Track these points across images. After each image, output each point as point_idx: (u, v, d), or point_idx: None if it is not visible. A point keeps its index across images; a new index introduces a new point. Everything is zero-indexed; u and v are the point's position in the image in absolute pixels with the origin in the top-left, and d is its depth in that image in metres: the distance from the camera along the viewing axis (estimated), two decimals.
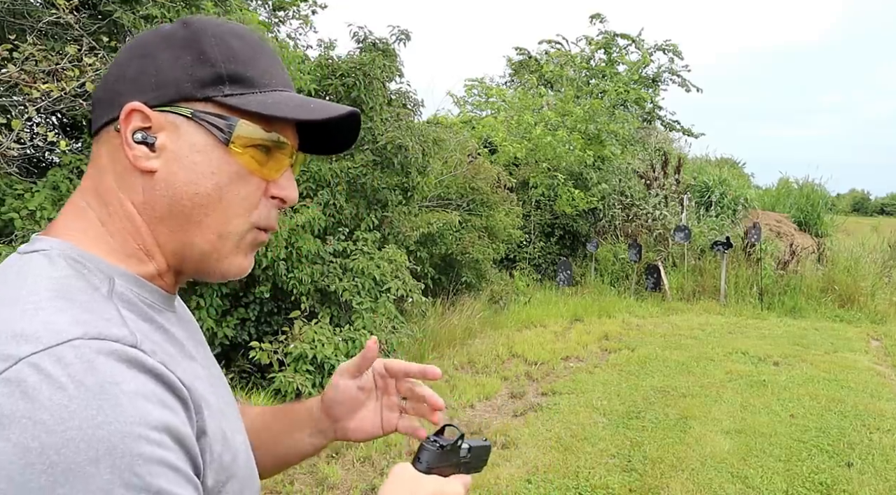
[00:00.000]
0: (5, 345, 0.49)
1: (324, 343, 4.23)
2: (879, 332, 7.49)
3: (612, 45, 13.53)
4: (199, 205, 0.63)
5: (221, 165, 0.64)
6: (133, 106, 0.61)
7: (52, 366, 0.47)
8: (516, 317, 7.55)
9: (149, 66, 0.62)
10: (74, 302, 0.54)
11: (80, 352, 0.49)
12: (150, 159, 0.61)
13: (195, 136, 0.62)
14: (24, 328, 0.50)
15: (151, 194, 0.62)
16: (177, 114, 0.62)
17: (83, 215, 0.63)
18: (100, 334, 0.51)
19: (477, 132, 9.93)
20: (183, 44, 0.63)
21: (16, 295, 0.54)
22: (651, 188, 11.01)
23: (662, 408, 4.72)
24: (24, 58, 2.97)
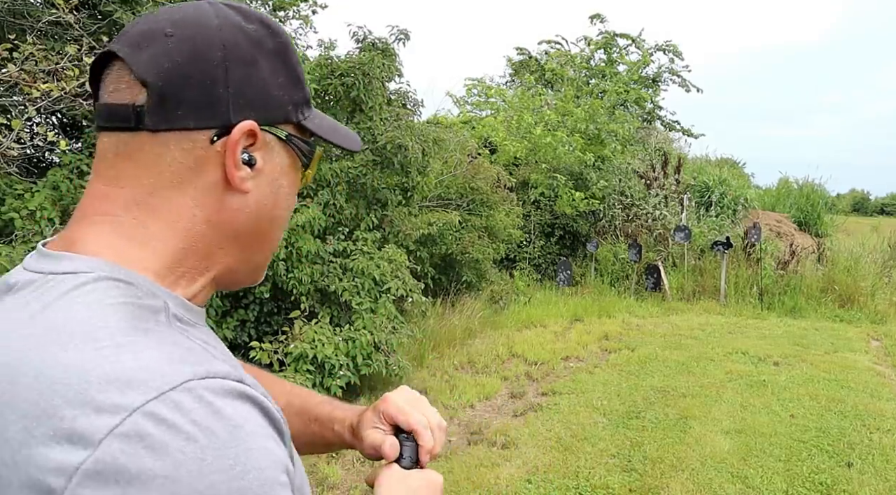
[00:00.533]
0: (104, 393, 0.43)
1: (324, 343, 4.23)
2: (879, 332, 7.49)
3: (611, 45, 13.53)
4: (276, 227, 0.63)
5: (294, 188, 0.64)
6: (251, 126, 0.56)
7: (174, 414, 0.43)
8: (516, 317, 7.55)
9: (254, 78, 0.57)
10: (150, 334, 0.49)
11: (198, 395, 0.45)
12: (249, 180, 0.58)
13: (283, 158, 0.61)
14: (119, 371, 0.44)
15: (237, 214, 0.58)
16: (275, 135, 0.60)
17: (119, 229, 0.55)
18: (208, 372, 0.47)
19: (477, 132, 9.93)
20: (275, 57, 0.59)
21: (76, 328, 0.47)
22: (651, 188, 11.01)
23: (662, 408, 4.72)
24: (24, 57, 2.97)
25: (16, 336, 0.49)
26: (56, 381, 0.44)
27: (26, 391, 0.45)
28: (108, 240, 0.55)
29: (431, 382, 5.17)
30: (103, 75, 0.58)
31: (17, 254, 2.96)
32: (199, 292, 0.60)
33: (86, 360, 0.45)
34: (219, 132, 0.56)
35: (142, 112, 0.54)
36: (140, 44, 0.55)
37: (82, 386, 0.44)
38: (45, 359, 0.46)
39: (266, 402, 0.50)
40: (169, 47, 0.54)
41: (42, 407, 0.44)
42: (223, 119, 0.56)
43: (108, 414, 0.43)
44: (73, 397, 0.43)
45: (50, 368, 0.45)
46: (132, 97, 0.55)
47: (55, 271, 0.53)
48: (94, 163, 0.59)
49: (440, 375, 5.38)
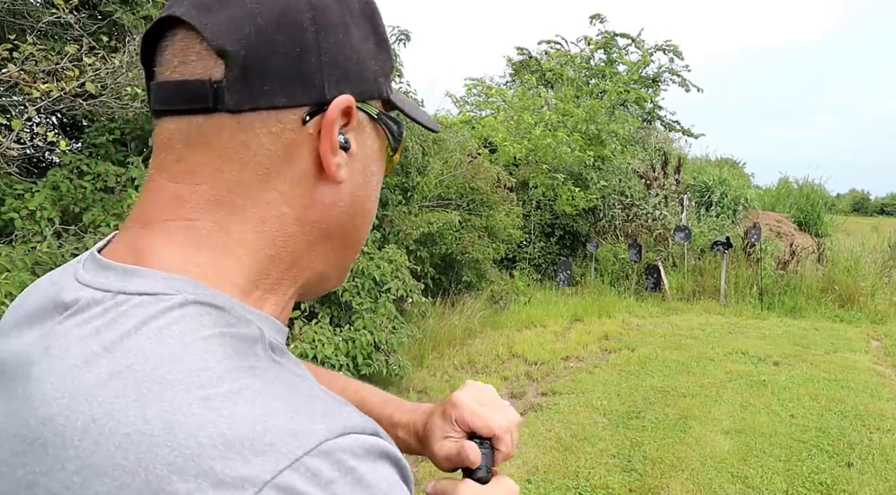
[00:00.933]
0: (224, 460, 0.35)
1: (324, 343, 4.24)
2: (879, 332, 7.48)
3: (611, 44, 13.54)
4: (368, 221, 0.54)
5: (381, 175, 0.54)
6: (349, 102, 0.47)
7: (310, 486, 0.35)
8: (516, 317, 7.55)
9: (345, 44, 0.48)
10: (258, 375, 0.40)
11: (337, 460, 0.37)
12: (344, 167, 0.49)
13: (374, 141, 0.52)
14: (235, 430, 0.36)
15: (329, 208, 0.49)
16: (367, 113, 0.50)
17: (199, 237, 0.45)
18: (344, 428, 0.39)
19: (477, 132, 9.93)
20: (364, 20, 0.50)
21: (171, 368, 0.38)
22: (651, 188, 11.01)
23: (662, 408, 4.72)
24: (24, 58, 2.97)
25: (90, 378, 0.38)
26: (158, 443, 0.35)
27: (118, 454, 0.35)
28: (187, 251, 0.45)
29: (431, 382, 5.17)
30: (160, 47, 0.47)
31: (17, 254, 2.96)
32: (286, 307, 0.51)
33: (194, 414, 0.36)
34: (311, 110, 0.46)
35: (220, 88, 0.44)
36: (211, 5, 0.45)
37: (194, 451, 0.35)
38: (137, 410, 0.36)
39: (401, 458, 0.42)
40: (249, 8, 0.45)
41: (143, 477, 0.35)
42: (317, 94, 0.46)
43: (233, 490, 0.34)
44: (182, 465, 0.34)
45: (147, 424, 0.36)
46: (207, 71, 0.44)
47: (126, 291, 0.42)
48: (155, 155, 0.48)
49: (440, 375, 5.38)
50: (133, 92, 3.33)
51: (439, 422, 0.67)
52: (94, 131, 3.89)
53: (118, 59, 3.26)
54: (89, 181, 3.59)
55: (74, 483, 0.36)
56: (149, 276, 0.43)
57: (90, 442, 0.36)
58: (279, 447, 0.36)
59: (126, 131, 3.98)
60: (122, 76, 3.29)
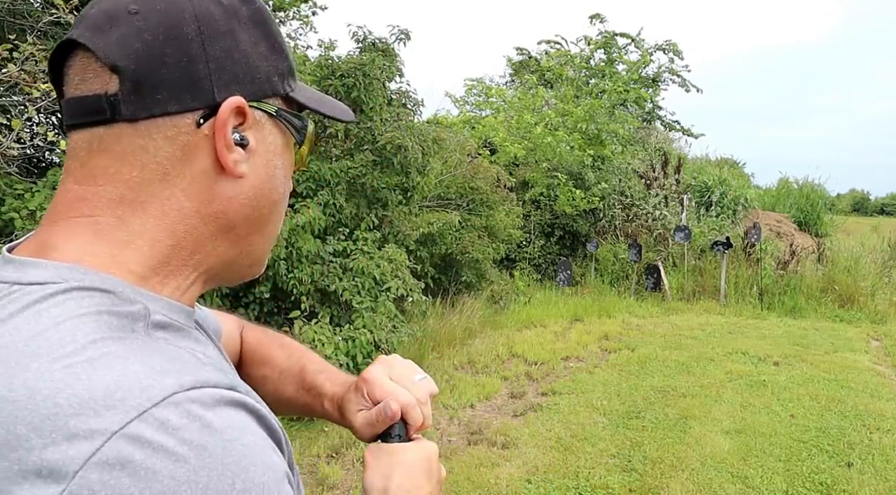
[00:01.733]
0: (77, 417, 0.38)
1: (324, 342, 4.24)
2: (879, 332, 7.48)
3: (611, 44, 13.54)
4: (275, 213, 0.57)
5: (289, 168, 0.58)
6: (239, 102, 0.51)
7: (158, 433, 0.38)
8: (516, 317, 7.55)
9: (233, 50, 0.52)
10: (127, 343, 0.43)
11: (185, 409, 0.40)
12: (243, 163, 0.53)
13: (276, 137, 0.56)
14: (90, 389, 0.39)
15: (231, 202, 0.53)
16: (264, 111, 0.54)
17: (100, 231, 0.49)
18: (195, 382, 0.42)
19: (477, 132, 9.93)
20: (253, 25, 0.54)
21: (41, 343, 0.41)
22: (651, 188, 11.01)
23: (662, 408, 4.72)
24: (25, 58, 2.98)
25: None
26: (19, 406, 0.38)
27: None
28: (86, 243, 0.49)
29: None
30: (65, 68, 0.51)
31: None
32: (187, 290, 0.54)
33: (54, 380, 0.39)
34: (205, 113, 0.50)
35: (116, 101, 0.48)
36: (102, 26, 0.49)
37: (51, 411, 0.38)
38: (4, 381, 0.40)
39: (262, 409, 0.45)
40: (137, 25, 0.49)
41: (4, 437, 0.38)
42: (207, 99, 0.50)
43: (83, 441, 0.37)
44: (39, 423, 0.37)
45: (11, 391, 0.39)
46: (103, 86, 0.49)
47: (20, 281, 0.46)
48: (66, 163, 0.53)
49: (440, 375, 5.38)
50: None
51: (353, 396, 0.72)
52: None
53: None
54: None
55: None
56: (42, 267, 0.47)
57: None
58: (128, 401, 0.39)
59: None
60: None
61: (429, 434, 4.38)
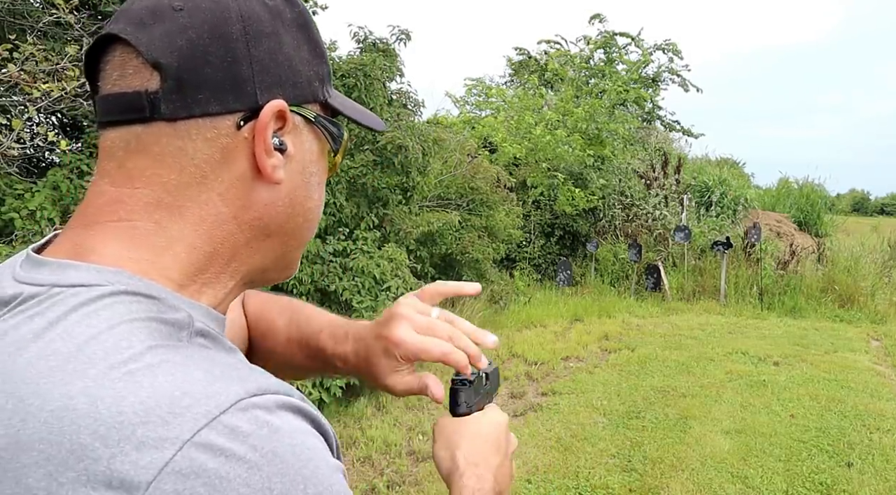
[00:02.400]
0: (145, 425, 0.37)
1: None
2: (879, 332, 7.49)
3: (611, 44, 13.53)
4: (309, 220, 0.56)
5: (324, 175, 0.57)
6: (281, 106, 0.50)
7: (229, 440, 0.37)
8: (516, 317, 7.55)
9: (277, 52, 0.50)
10: (181, 350, 0.43)
11: (253, 415, 0.39)
12: (280, 168, 0.51)
13: (313, 143, 0.54)
14: (155, 397, 0.38)
15: (269, 209, 0.52)
16: (303, 116, 0.53)
17: (138, 236, 0.48)
18: (259, 388, 0.41)
19: (477, 132, 9.93)
20: (297, 28, 0.53)
21: (95, 349, 0.40)
22: (651, 188, 11.01)
23: (662, 408, 4.72)
24: (25, 58, 2.97)
25: (21, 362, 0.40)
26: (81, 415, 0.37)
27: (44, 429, 0.37)
28: (125, 248, 0.48)
29: None
30: (101, 64, 0.49)
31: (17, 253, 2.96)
32: (225, 298, 0.53)
33: (115, 388, 0.38)
34: (245, 116, 0.49)
35: (156, 99, 0.47)
36: (145, 21, 0.48)
37: (116, 419, 0.37)
38: (62, 388, 0.38)
39: (315, 412, 0.45)
40: (181, 22, 0.47)
41: (67, 447, 0.36)
42: (249, 101, 0.49)
43: (153, 450, 0.36)
44: (105, 433, 0.36)
45: (71, 399, 0.38)
46: (143, 83, 0.47)
47: (60, 283, 0.45)
48: (99, 162, 0.51)
49: (440, 375, 5.38)
50: None
51: (384, 361, 0.69)
52: (95, 131, 3.89)
53: None
54: (89, 181, 3.59)
55: (2, 458, 0.38)
56: (83, 269, 0.45)
57: (17, 420, 0.38)
58: (196, 408, 0.38)
59: None
60: None
61: (428, 433, 4.37)
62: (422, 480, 3.56)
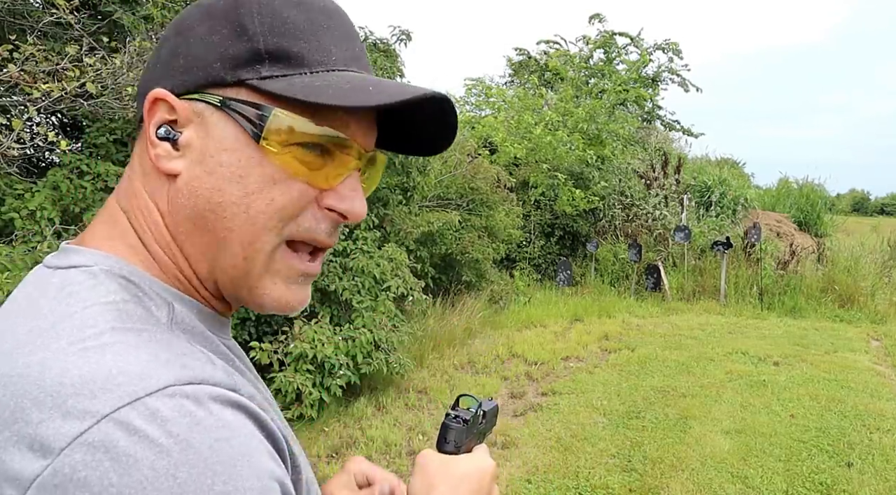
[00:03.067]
0: (75, 397, 0.39)
1: (324, 342, 4.23)
2: (879, 332, 7.48)
3: (610, 43, 13.52)
4: (223, 218, 0.50)
5: (251, 167, 0.50)
6: (156, 94, 0.50)
7: (146, 422, 0.38)
8: (516, 317, 7.55)
9: (181, 45, 0.51)
10: (143, 334, 0.44)
11: (178, 403, 0.39)
12: (173, 159, 0.50)
13: (224, 130, 0.50)
14: (95, 373, 0.39)
15: (175, 203, 0.51)
16: (205, 102, 0.50)
17: (118, 221, 0.52)
18: (195, 378, 0.41)
19: (477, 132, 9.93)
20: (223, 15, 0.50)
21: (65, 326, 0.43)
22: (651, 188, 11.01)
23: (662, 408, 4.72)
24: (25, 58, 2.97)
25: (8, 335, 0.45)
26: (30, 381, 0.40)
27: (1, 392, 0.41)
28: (109, 232, 0.52)
29: (431, 382, 5.17)
30: None
31: (17, 253, 2.96)
32: (210, 297, 0.53)
33: (67, 360, 0.40)
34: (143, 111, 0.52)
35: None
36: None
37: (55, 388, 0.39)
38: (27, 358, 0.42)
39: (261, 414, 0.44)
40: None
41: (11, 409, 0.39)
42: (145, 96, 0.52)
43: (75, 420, 0.37)
44: (43, 399, 0.39)
45: (28, 368, 0.41)
46: None
47: (62, 265, 0.49)
48: None
49: (440, 375, 5.38)
50: (134, 92, 3.33)
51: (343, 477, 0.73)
52: (95, 131, 3.89)
53: (119, 59, 3.26)
54: (89, 181, 3.59)
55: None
56: (83, 253, 0.50)
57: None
58: (125, 387, 0.39)
59: (126, 131, 3.98)
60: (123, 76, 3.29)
61: (428, 433, 4.37)
62: None
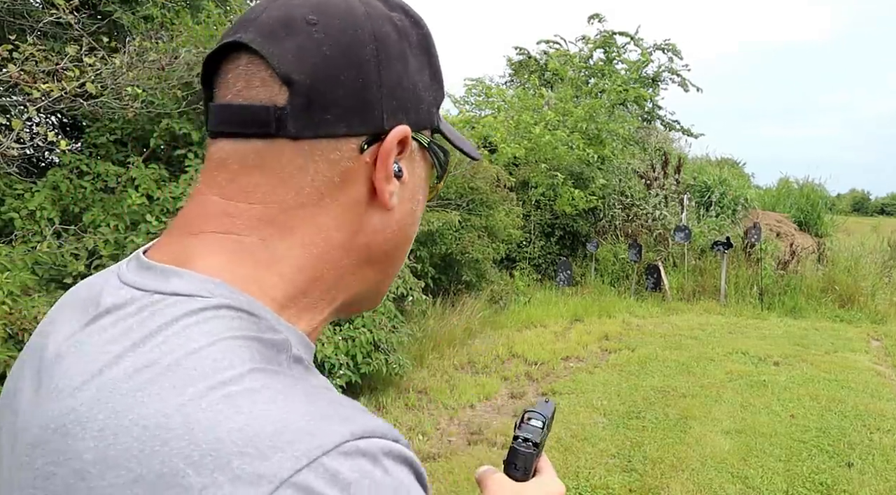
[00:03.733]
0: (241, 457, 0.34)
1: (324, 342, 4.23)
2: (879, 332, 7.48)
3: (610, 43, 13.52)
4: (408, 248, 0.55)
5: (425, 203, 0.56)
6: (407, 132, 0.48)
7: (328, 487, 0.35)
8: (516, 317, 7.55)
9: (404, 76, 0.49)
10: (282, 378, 0.40)
11: (357, 464, 0.36)
12: (395, 195, 0.50)
13: (422, 170, 0.53)
14: (257, 428, 0.35)
15: (378, 235, 0.50)
16: (418, 142, 0.52)
17: (242, 250, 0.46)
18: (364, 431, 0.39)
19: (477, 132, 9.92)
20: (420, 51, 0.51)
21: (199, 367, 0.38)
22: (651, 188, 11.01)
23: (662, 408, 4.72)
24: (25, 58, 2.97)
25: (117, 372, 0.39)
26: (175, 436, 0.35)
27: (135, 446, 0.36)
28: (229, 261, 0.45)
29: (431, 382, 5.17)
30: (222, 70, 0.48)
31: (16, 253, 2.96)
32: (318, 325, 0.51)
33: (214, 410, 0.36)
34: (369, 139, 0.47)
35: (283, 115, 0.45)
36: (277, 33, 0.46)
37: (212, 446, 0.35)
38: (157, 404, 0.36)
39: (419, 465, 0.42)
40: (316, 38, 0.46)
41: (157, 470, 0.35)
42: (375, 125, 0.47)
43: (249, 486, 0.34)
44: (199, 459, 0.34)
45: (166, 418, 0.36)
46: (271, 97, 0.46)
47: (162, 290, 0.43)
48: (207, 171, 0.49)
49: (440, 375, 5.38)
50: (133, 92, 3.33)
51: None
52: (95, 131, 3.90)
53: (118, 59, 3.26)
54: (89, 181, 3.59)
55: (90, 473, 0.36)
56: (186, 278, 0.44)
57: (109, 433, 0.37)
58: (298, 446, 0.35)
59: (126, 131, 3.98)
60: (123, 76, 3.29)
61: (428, 433, 4.36)
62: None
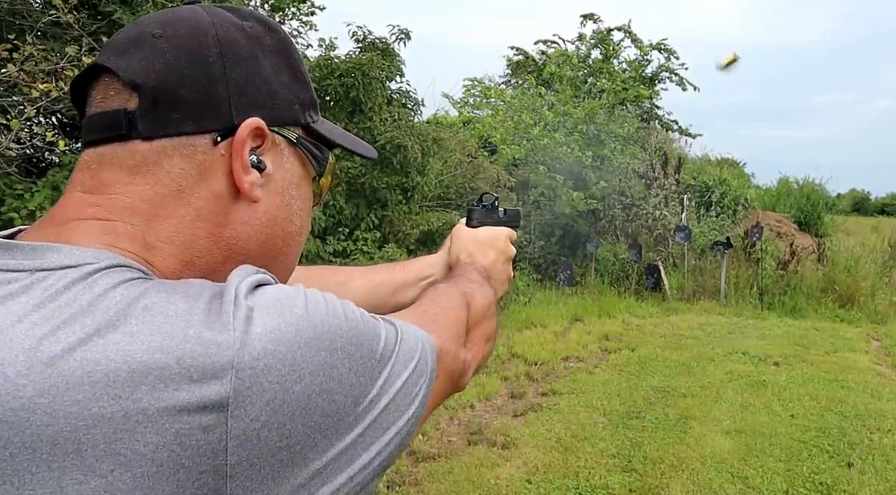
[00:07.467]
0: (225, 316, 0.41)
1: None
2: (880, 332, 7.48)
3: (607, 40, 13.51)
4: (290, 246, 0.57)
5: (306, 201, 0.58)
6: (258, 123, 0.51)
7: (261, 298, 0.43)
8: (516, 317, 7.54)
9: (255, 74, 0.52)
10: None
11: (278, 286, 0.47)
12: (258, 186, 0.52)
13: (294, 166, 0.56)
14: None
15: (246, 227, 0.53)
16: (285, 137, 0.54)
17: (118, 233, 0.48)
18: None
19: (476, 132, 9.92)
20: (276, 54, 0.55)
21: (109, 301, 0.41)
22: (651, 188, 11.00)
23: (662, 408, 4.72)
24: (24, 58, 2.97)
25: (19, 328, 0.39)
26: (157, 349, 0.39)
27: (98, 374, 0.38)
28: (105, 241, 0.47)
29: None
30: (90, 90, 0.52)
31: None
32: None
33: (178, 308, 0.41)
34: (222, 133, 0.50)
35: (133, 117, 0.49)
36: (127, 49, 0.50)
37: (191, 329, 0.40)
38: (129, 337, 0.39)
39: None
40: (159, 47, 0.50)
41: (149, 376, 0.38)
42: (225, 120, 0.50)
43: (226, 332, 0.40)
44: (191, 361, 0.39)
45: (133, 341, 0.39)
46: (122, 103, 0.49)
47: (44, 267, 0.43)
48: (72, 176, 0.52)
49: None
50: None
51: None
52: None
53: None
54: None
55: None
56: (64, 252, 0.44)
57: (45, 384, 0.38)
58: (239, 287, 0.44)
59: None
60: None
61: (428, 433, 4.35)
62: (422, 480, 3.56)
